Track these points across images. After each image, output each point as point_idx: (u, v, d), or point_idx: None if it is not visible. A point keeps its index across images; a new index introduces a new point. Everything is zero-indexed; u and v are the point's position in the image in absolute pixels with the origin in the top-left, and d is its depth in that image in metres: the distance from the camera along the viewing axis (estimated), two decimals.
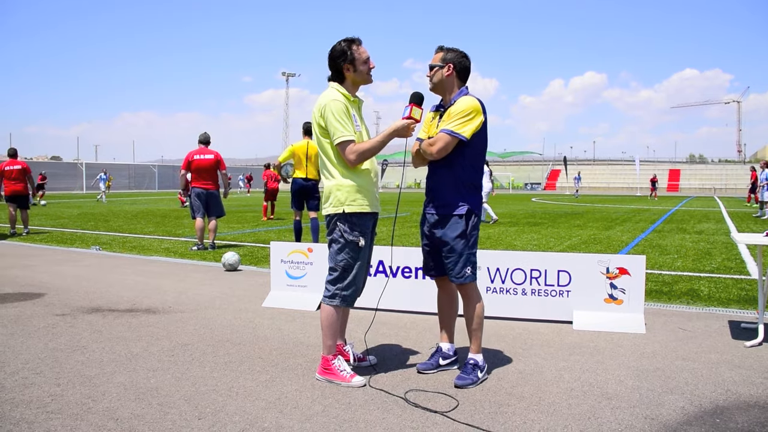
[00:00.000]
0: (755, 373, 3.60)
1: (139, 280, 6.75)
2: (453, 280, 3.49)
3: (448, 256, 3.45)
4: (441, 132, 3.37)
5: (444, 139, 3.34)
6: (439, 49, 3.51)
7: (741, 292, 6.04)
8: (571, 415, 2.96)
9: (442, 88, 3.50)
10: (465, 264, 3.43)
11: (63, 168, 55.65)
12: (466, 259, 3.43)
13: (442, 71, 3.46)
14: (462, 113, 3.34)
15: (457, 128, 3.33)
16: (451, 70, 3.46)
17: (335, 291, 3.43)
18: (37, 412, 2.95)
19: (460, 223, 3.43)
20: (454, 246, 3.42)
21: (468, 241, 3.44)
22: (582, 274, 4.80)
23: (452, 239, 3.42)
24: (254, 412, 2.97)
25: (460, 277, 3.44)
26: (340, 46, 3.39)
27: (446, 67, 3.46)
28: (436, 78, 3.48)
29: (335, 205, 3.38)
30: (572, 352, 4.05)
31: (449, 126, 3.35)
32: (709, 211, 21.25)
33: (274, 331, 4.55)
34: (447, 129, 3.35)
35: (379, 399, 3.17)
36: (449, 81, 3.48)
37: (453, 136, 3.34)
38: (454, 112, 3.38)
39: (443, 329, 3.79)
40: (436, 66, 3.47)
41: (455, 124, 3.34)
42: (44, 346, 4.09)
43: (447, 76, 3.47)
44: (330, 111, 3.30)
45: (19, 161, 12.16)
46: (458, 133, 3.33)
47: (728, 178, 67.28)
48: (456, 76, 3.49)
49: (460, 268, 3.43)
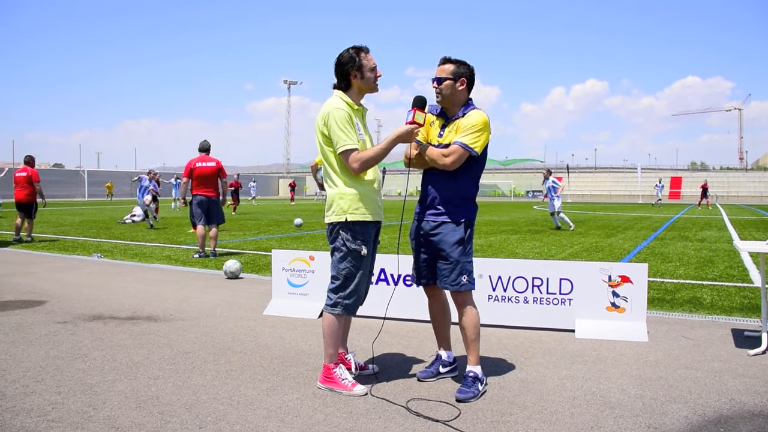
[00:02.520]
0: (759, 381, 3.58)
1: (141, 287, 6.75)
2: (448, 287, 3.46)
3: (445, 264, 3.44)
4: (455, 144, 3.36)
5: (459, 152, 3.35)
6: (447, 61, 3.48)
7: (744, 300, 6.02)
8: (574, 424, 2.95)
9: (452, 101, 3.49)
10: (461, 272, 3.41)
11: (65, 175, 55.71)
12: (462, 267, 3.42)
13: (455, 85, 3.45)
14: (475, 128, 3.36)
15: (471, 143, 3.35)
16: (464, 85, 3.46)
17: (337, 299, 3.43)
18: (37, 420, 2.94)
19: (458, 231, 3.43)
20: (450, 253, 3.41)
21: (464, 249, 3.43)
22: (584, 282, 4.79)
23: (450, 246, 3.41)
24: (255, 421, 2.96)
25: (455, 285, 3.42)
26: (348, 53, 3.39)
27: (459, 81, 3.45)
28: (447, 91, 3.45)
29: (338, 213, 3.37)
30: (574, 360, 4.03)
31: (463, 140, 3.35)
32: (711, 219, 21.22)
33: (275, 340, 4.54)
34: (462, 142, 3.34)
35: (380, 408, 3.16)
36: (461, 94, 3.48)
37: (467, 149, 3.35)
38: (466, 126, 3.38)
39: (439, 338, 3.79)
40: (448, 79, 3.44)
41: (469, 139, 3.35)
42: (45, 353, 4.08)
43: (460, 90, 3.46)
44: (333, 119, 3.30)
45: (25, 168, 12.16)
46: (472, 148, 3.35)
47: (730, 186, 67.20)
48: (466, 89, 3.49)
49: (456, 276, 3.41)
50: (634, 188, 65.08)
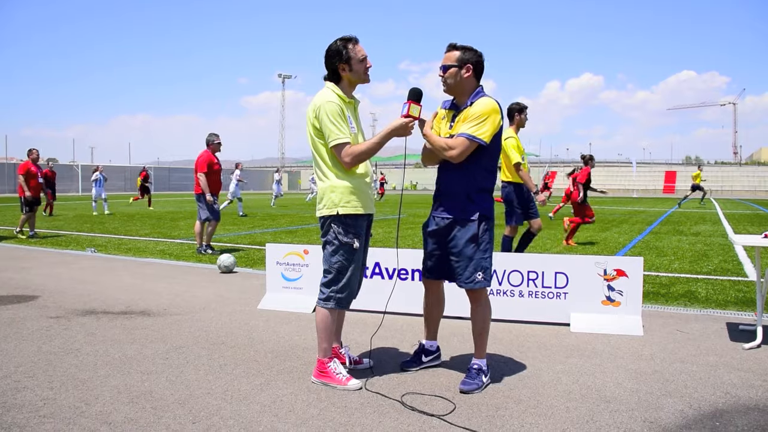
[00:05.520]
0: (754, 375, 3.58)
1: (134, 282, 6.71)
2: (462, 285, 3.40)
3: (458, 261, 3.38)
4: (460, 136, 3.27)
5: (464, 144, 3.25)
6: (453, 48, 3.37)
7: (739, 294, 6.03)
8: (569, 418, 2.94)
9: (459, 89, 3.39)
10: (476, 269, 3.34)
11: (59, 170, 55.10)
12: (477, 263, 3.34)
13: (460, 72, 3.34)
14: (482, 116, 3.25)
15: (476, 132, 3.24)
16: (470, 72, 3.35)
17: (330, 293, 3.40)
18: (29, 416, 2.91)
19: (471, 227, 3.34)
20: (464, 250, 3.34)
21: (479, 246, 3.34)
22: (579, 276, 4.78)
23: (463, 243, 3.34)
24: (249, 416, 2.94)
25: (470, 282, 3.36)
26: (335, 45, 3.34)
27: (465, 68, 3.34)
28: (452, 79, 3.35)
29: (329, 206, 3.34)
30: (570, 354, 4.02)
31: (468, 130, 3.25)
32: (706, 213, 21.27)
33: (269, 334, 4.51)
34: (466, 133, 3.25)
35: (375, 402, 3.14)
36: (468, 82, 3.37)
37: (472, 140, 3.25)
38: (473, 115, 3.28)
39: (428, 328, 3.77)
40: (453, 66, 3.33)
41: (474, 129, 3.25)
42: (37, 349, 4.04)
43: (466, 78, 3.35)
44: (325, 113, 3.26)
45: (23, 163, 12.02)
46: (478, 137, 3.25)
47: (724, 180, 67.43)
48: (473, 76, 3.38)
49: (470, 273, 3.35)
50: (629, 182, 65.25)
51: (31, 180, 11.74)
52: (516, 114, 6.94)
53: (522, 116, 6.98)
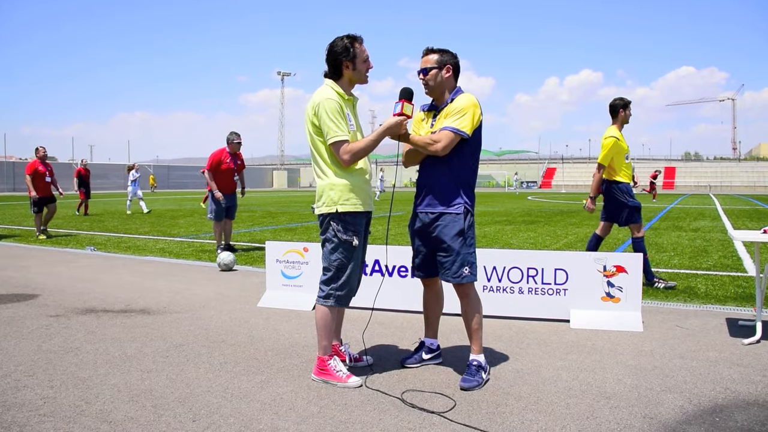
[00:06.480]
0: (754, 370, 3.58)
1: (134, 280, 6.71)
2: (450, 280, 3.43)
3: (445, 256, 3.41)
4: (444, 129, 3.34)
5: (448, 137, 3.32)
6: (431, 51, 3.48)
7: (738, 290, 6.03)
8: (570, 414, 2.94)
9: (440, 89, 3.48)
10: (462, 264, 3.38)
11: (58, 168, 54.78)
12: (464, 258, 3.38)
13: (440, 73, 3.44)
14: (463, 110, 3.34)
15: (459, 125, 3.32)
16: (450, 72, 3.47)
17: (329, 291, 3.40)
18: (29, 415, 2.91)
19: (458, 221, 3.38)
20: (451, 245, 3.37)
21: (465, 240, 3.39)
22: (579, 272, 4.78)
23: (450, 238, 3.37)
24: (249, 414, 2.94)
25: (457, 277, 3.39)
26: (342, 42, 3.32)
27: (445, 68, 3.45)
28: (434, 81, 3.45)
29: (328, 204, 3.34)
30: (570, 350, 4.03)
31: (452, 124, 3.33)
32: (705, 209, 21.28)
33: (269, 332, 4.51)
34: (450, 126, 3.32)
35: (375, 400, 3.14)
36: (449, 82, 3.49)
37: (456, 133, 3.32)
38: (454, 110, 3.36)
39: (428, 326, 3.81)
40: (434, 68, 3.44)
41: (457, 122, 3.32)
42: (37, 347, 4.05)
43: (446, 78, 3.46)
44: (324, 110, 3.26)
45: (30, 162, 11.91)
46: (461, 130, 3.32)
47: (723, 176, 67.48)
48: (453, 76, 3.49)
49: (457, 268, 3.38)
50: None
51: (38, 180, 11.66)
52: (621, 110, 6.38)
53: (627, 112, 6.41)
